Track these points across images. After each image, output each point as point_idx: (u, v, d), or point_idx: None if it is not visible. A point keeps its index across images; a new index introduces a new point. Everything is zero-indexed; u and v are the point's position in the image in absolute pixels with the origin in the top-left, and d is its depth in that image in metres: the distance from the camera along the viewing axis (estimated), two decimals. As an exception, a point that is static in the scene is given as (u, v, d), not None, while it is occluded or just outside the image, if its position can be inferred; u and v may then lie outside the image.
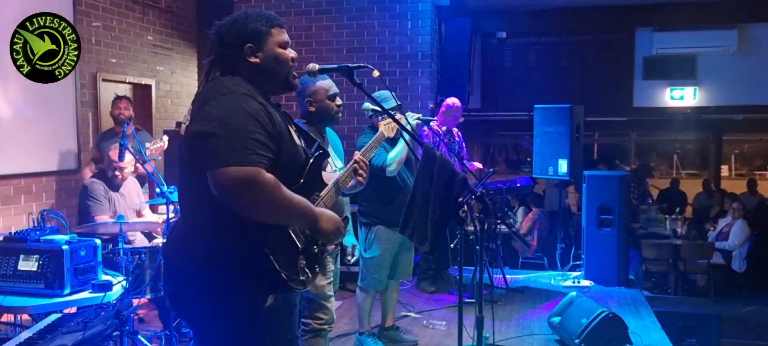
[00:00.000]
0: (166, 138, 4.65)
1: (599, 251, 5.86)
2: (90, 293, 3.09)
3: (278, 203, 1.74)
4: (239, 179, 1.65)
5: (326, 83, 3.09)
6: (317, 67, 2.26)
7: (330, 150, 3.14)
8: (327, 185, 2.14)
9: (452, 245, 5.64)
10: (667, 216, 8.57)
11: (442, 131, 5.37)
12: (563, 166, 6.06)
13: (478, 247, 2.69)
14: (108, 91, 6.16)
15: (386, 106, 3.15)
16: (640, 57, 8.74)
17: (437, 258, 5.57)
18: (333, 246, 2.04)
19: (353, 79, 2.29)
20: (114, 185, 4.37)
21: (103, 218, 4.17)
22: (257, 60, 1.92)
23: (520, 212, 8.49)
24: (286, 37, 1.98)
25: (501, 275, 5.56)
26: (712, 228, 8.34)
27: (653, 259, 7.70)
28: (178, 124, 6.45)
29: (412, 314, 5.00)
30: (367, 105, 3.89)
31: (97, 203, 4.23)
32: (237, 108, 1.74)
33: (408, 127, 2.80)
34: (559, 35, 8.98)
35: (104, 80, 6.25)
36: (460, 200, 2.35)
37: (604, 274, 5.82)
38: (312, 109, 3.10)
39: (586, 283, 5.81)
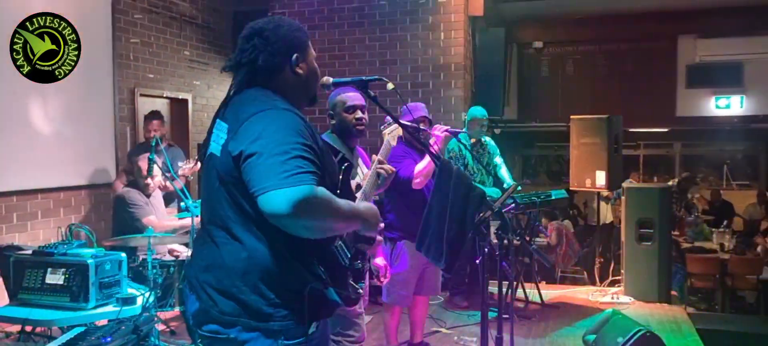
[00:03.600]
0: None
1: (639, 266, 5.65)
2: (114, 306, 3.12)
3: (336, 216, 1.62)
4: (296, 201, 1.51)
5: (345, 96, 2.99)
6: (331, 80, 2.22)
7: (360, 163, 3.09)
8: (356, 196, 2.10)
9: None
10: (713, 229, 8.23)
11: (471, 142, 5.28)
12: (601, 178, 5.88)
13: (504, 263, 2.60)
14: (146, 106, 6.30)
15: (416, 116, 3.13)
16: (682, 65, 8.45)
17: (471, 273, 5.46)
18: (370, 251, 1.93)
19: (367, 92, 2.23)
20: (146, 193, 4.47)
21: (152, 219, 4.26)
22: (302, 71, 1.83)
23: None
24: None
25: (536, 290, 5.41)
26: (761, 242, 7.97)
27: (699, 274, 7.40)
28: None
29: (443, 330, 4.90)
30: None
31: (141, 208, 4.32)
32: (282, 125, 1.62)
33: (429, 140, 2.71)
34: (597, 44, 8.76)
35: (142, 95, 6.39)
36: (479, 215, 2.25)
37: (645, 290, 5.61)
38: (333, 122, 3.05)
39: (625, 299, 5.61)
